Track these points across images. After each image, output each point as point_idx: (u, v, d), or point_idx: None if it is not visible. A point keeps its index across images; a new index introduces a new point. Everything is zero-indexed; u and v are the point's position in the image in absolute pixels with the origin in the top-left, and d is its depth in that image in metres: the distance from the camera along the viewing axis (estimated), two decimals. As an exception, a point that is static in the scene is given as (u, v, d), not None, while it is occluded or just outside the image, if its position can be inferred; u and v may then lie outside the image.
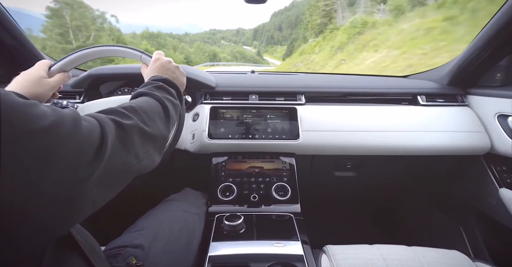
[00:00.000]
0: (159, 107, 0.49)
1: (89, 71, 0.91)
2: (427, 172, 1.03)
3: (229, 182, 0.82)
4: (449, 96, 0.99)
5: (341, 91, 1.03)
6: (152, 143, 0.44)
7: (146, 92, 0.50)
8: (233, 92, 0.99)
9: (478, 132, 0.89)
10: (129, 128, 0.39)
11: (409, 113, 0.96)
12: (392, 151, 0.89)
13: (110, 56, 0.65)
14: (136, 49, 0.65)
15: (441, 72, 1.05)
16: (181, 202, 0.74)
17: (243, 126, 0.89)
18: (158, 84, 0.53)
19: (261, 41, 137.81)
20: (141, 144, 0.40)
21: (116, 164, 0.35)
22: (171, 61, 0.63)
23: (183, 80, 0.64)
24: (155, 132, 0.44)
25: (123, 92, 1.00)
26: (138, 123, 0.41)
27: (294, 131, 0.88)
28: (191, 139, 0.89)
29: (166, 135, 0.49)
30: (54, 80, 0.61)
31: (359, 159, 0.95)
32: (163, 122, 0.48)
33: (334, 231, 1.27)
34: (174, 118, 0.53)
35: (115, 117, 0.38)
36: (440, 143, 0.88)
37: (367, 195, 1.31)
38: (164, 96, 0.51)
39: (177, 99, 0.56)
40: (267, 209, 0.77)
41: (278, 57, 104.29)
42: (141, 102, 0.46)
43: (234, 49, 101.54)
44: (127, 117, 0.41)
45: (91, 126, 0.33)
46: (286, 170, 0.86)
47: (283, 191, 0.81)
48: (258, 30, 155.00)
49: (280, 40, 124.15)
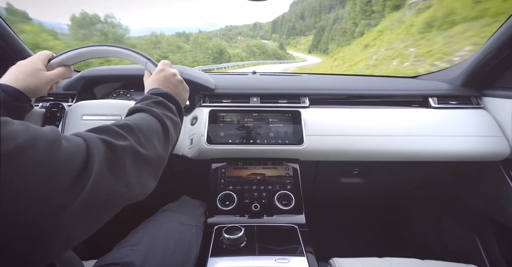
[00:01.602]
0: (158, 125, 0.45)
1: (82, 73, 0.86)
2: (439, 179, 0.97)
3: (229, 190, 0.77)
4: (463, 98, 0.94)
5: (347, 93, 0.98)
6: (148, 166, 0.39)
7: (144, 108, 0.46)
8: (233, 95, 0.94)
9: (495, 137, 0.83)
10: (122, 150, 0.34)
11: (420, 117, 0.90)
12: (402, 156, 0.84)
13: (115, 57, 0.62)
14: (142, 54, 0.62)
15: (453, 73, 1.00)
16: (178, 212, 0.69)
17: (243, 130, 0.84)
18: (157, 100, 0.49)
19: (282, 33, 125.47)
20: (134, 168, 0.36)
21: (101, 193, 0.30)
22: (176, 74, 0.59)
23: (185, 96, 0.60)
24: (151, 155, 0.39)
25: (118, 95, 0.95)
26: (133, 145, 0.37)
27: (298, 136, 0.83)
28: (189, 144, 0.85)
29: (164, 156, 0.44)
30: (52, 74, 0.57)
31: (366, 164, 0.90)
32: (161, 142, 0.44)
33: (340, 241, 1.21)
34: (174, 138, 0.49)
35: (107, 138, 0.34)
36: (454, 148, 0.82)
37: (375, 202, 1.25)
38: (163, 113, 0.47)
39: (178, 116, 0.51)
40: (270, 220, 0.72)
41: (303, 49, 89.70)
42: (138, 120, 0.42)
43: (250, 42, 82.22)
44: (122, 138, 0.36)
45: (74, 148, 0.28)
46: (290, 177, 0.81)
47: (286, 199, 0.76)
48: (277, 22, 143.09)
49: (303, 30, 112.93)
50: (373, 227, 1.30)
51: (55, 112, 0.62)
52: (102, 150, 0.32)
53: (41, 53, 0.58)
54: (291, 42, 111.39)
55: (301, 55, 67.73)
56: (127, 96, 0.96)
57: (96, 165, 0.29)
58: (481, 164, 0.86)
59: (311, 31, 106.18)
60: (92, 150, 0.30)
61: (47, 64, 0.58)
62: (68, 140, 0.29)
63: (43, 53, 0.58)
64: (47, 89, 0.57)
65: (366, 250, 1.18)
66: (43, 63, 0.57)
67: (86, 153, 0.29)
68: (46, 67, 0.57)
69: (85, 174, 0.28)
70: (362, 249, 1.18)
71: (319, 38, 69.18)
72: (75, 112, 0.62)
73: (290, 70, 16.78)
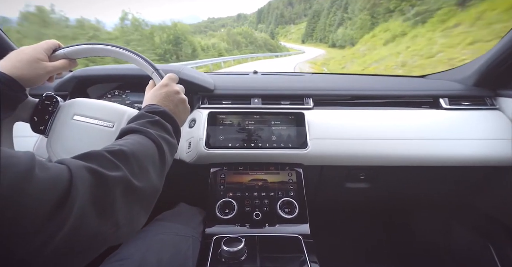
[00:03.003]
0: (154, 150, 0.40)
1: (74, 73, 0.82)
2: (450, 184, 0.92)
3: (228, 197, 0.73)
4: (476, 99, 0.88)
5: (353, 93, 0.93)
6: (140, 200, 0.35)
7: (139, 129, 0.42)
8: (233, 96, 0.90)
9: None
10: (113, 183, 0.30)
11: (431, 118, 0.85)
12: (412, 161, 0.79)
13: (123, 59, 0.58)
14: (151, 63, 0.58)
15: (465, 72, 0.95)
16: (174, 222, 0.65)
17: (244, 133, 0.80)
18: (153, 119, 0.45)
19: (269, 23, 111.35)
20: (124, 204, 0.31)
21: (83, 236, 0.26)
22: (179, 93, 0.54)
23: (184, 117, 0.56)
24: (145, 187, 0.35)
25: (113, 96, 0.91)
26: (126, 176, 0.32)
27: (301, 139, 0.79)
28: (187, 147, 0.81)
29: (159, 187, 0.40)
30: (52, 65, 0.53)
31: (374, 169, 0.85)
32: (157, 170, 0.39)
33: (346, 249, 1.17)
34: (169, 163, 0.45)
35: (97, 167, 0.29)
36: (467, 153, 0.78)
37: (381, 208, 1.20)
38: (160, 135, 0.43)
39: (174, 138, 0.47)
40: (272, 229, 0.67)
41: (295, 39, 78.91)
42: (134, 145, 0.38)
43: (232, 30, 55.96)
44: (114, 167, 0.32)
45: (51, 180, 0.24)
46: (293, 183, 0.77)
47: (289, 207, 0.72)
48: (263, 11, 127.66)
49: (293, 18, 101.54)
50: (379, 233, 1.25)
51: (47, 105, 0.58)
52: (89, 182, 0.27)
53: (46, 42, 0.54)
54: (280, 31, 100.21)
55: (296, 46, 56.57)
56: (123, 98, 0.92)
57: (78, 202, 0.25)
58: (495, 167, 0.81)
59: (302, 18, 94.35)
60: (75, 184, 0.25)
61: (50, 54, 0.54)
62: (45, 169, 0.24)
63: (49, 42, 0.54)
64: (43, 80, 0.53)
65: (373, 258, 1.14)
66: (46, 53, 0.53)
67: (67, 187, 0.25)
68: (49, 58, 0.54)
69: (61, 215, 0.23)
70: (369, 258, 1.13)
71: (313, 25, 59.00)
72: (68, 110, 0.58)
73: (306, 67, 13.99)
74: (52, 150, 0.56)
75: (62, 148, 0.55)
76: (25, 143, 0.75)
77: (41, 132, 0.57)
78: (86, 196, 0.26)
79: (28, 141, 0.75)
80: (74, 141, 0.56)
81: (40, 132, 0.57)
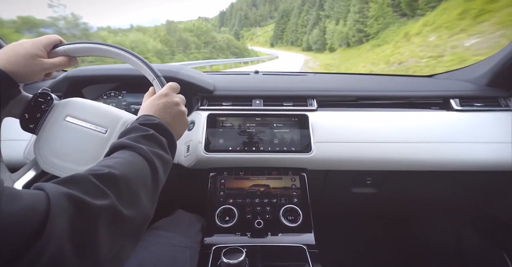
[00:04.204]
0: (147, 169, 0.37)
1: (67, 73, 0.79)
2: (462, 189, 0.88)
3: (229, 204, 0.69)
4: (489, 100, 0.84)
5: (359, 94, 0.89)
6: (128, 231, 0.31)
7: (131, 145, 0.38)
8: (234, 97, 0.86)
9: None
10: (97, 213, 0.26)
11: (441, 121, 0.81)
12: (422, 166, 0.75)
13: (124, 61, 0.56)
14: (154, 69, 0.54)
15: (477, 71, 0.90)
16: (170, 231, 0.61)
17: (245, 136, 0.76)
18: (148, 133, 0.41)
19: (232, 25, 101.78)
20: (109, 237, 0.28)
21: None
22: (179, 104, 0.51)
23: (181, 131, 0.52)
24: (135, 215, 0.31)
25: (109, 97, 0.88)
26: (114, 205, 0.29)
27: (305, 143, 0.75)
28: (185, 151, 0.77)
29: (150, 212, 0.36)
30: (50, 62, 0.50)
31: (381, 174, 0.81)
32: (148, 193, 0.36)
33: (352, 260, 1.12)
34: (163, 181, 0.41)
35: (80, 195, 0.26)
36: (481, 156, 0.73)
37: (389, 214, 1.15)
38: (153, 152, 0.39)
39: (169, 153, 0.44)
40: (275, 239, 0.64)
41: (263, 43, 71.12)
42: (125, 165, 0.34)
43: (172, 26, 33.07)
44: (101, 195, 0.28)
45: (23, 212, 0.21)
46: (296, 188, 0.73)
47: (293, 214, 0.68)
48: (226, 13, 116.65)
49: (258, 20, 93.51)
50: (387, 241, 1.20)
51: (40, 103, 0.55)
52: (68, 213, 0.24)
53: (47, 37, 0.51)
54: (245, 34, 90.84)
55: (265, 50, 47.20)
56: (119, 99, 0.88)
57: (54, 237, 0.21)
58: (510, 172, 0.77)
59: (268, 20, 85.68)
60: (52, 214, 0.22)
61: (50, 50, 0.51)
62: (16, 200, 0.21)
63: (49, 37, 0.51)
64: (39, 76, 0.51)
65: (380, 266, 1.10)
66: (46, 48, 0.50)
67: (42, 219, 0.21)
68: (48, 53, 0.51)
69: (34, 251, 0.20)
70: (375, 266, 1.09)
71: (283, 27, 51.42)
72: (62, 109, 0.55)
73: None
74: (39, 151, 0.53)
75: (50, 150, 0.52)
76: (18, 146, 0.72)
77: (30, 130, 0.54)
78: (64, 229, 0.23)
79: (20, 144, 0.72)
80: (63, 143, 0.53)
81: (29, 131, 0.54)
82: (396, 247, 1.17)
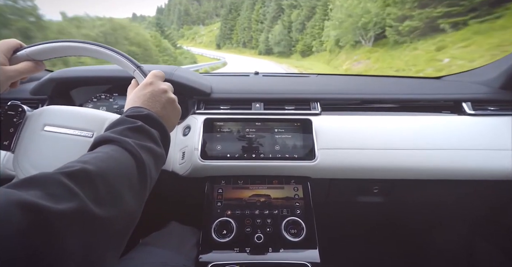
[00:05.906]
0: (133, 166, 0.33)
1: (51, 74, 0.74)
2: (474, 198, 0.83)
3: (226, 216, 0.64)
4: (504, 103, 0.79)
5: (365, 97, 0.85)
6: (106, 236, 0.26)
7: (114, 138, 0.34)
8: (232, 100, 0.81)
9: None
10: (60, 219, 0.22)
11: (453, 125, 0.77)
12: (432, 174, 0.70)
13: (97, 58, 0.50)
14: (131, 60, 0.50)
15: (489, 73, 0.86)
16: (162, 247, 0.56)
17: (244, 143, 0.71)
18: (135, 125, 0.37)
19: (171, 22, 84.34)
20: (80, 244, 0.23)
21: None
22: (167, 91, 0.46)
23: (175, 120, 0.48)
24: (114, 215, 0.27)
25: (99, 100, 0.83)
26: (84, 205, 0.24)
27: (308, 149, 0.70)
28: (180, 158, 0.72)
29: (136, 211, 0.32)
30: (13, 70, 0.45)
31: (388, 182, 0.76)
32: (134, 191, 0.32)
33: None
34: (154, 178, 0.37)
35: (37, 200, 0.22)
36: (496, 164, 0.69)
37: (396, 224, 1.10)
38: (141, 145, 0.35)
39: (161, 146, 0.39)
40: (276, 256, 0.59)
41: (207, 43, 58.47)
42: (104, 161, 0.30)
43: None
44: (67, 196, 0.24)
45: None
46: (299, 199, 0.68)
47: (296, 228, 0.63)
48: (164, 9, 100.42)
49: (202, 17, 79.92)
50: (394, 252, 1.14)
51: (11, 116, 0.50)
52: (17, 225, 0.19)
53: (5, 42, 0.46)
54: (186, 33, 75.89)
55: (210, 53, 36.14)
56: (110, 102, 0.83)
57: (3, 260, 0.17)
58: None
59: (214, 18, 72.52)
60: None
61: (10, 56, 0.46)
62: None
63: (8, 42, 0.46)
64: (5, 87, 0.45)
65: None
66: (6, 55, 0.45)
67: None
68: (9, 60, 0.46)
69: None
70: None
71: (232, 23, 41.33)
72: (37, 120, 0.50)
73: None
74: (19, 167, 0.48)
75: (32, 164, 0.47)
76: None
77: (5, 148, 0.49)
78: (14, 246, 0.19)
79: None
80: (47, 156, 0.48)
81: (4, 149, 0.48)
82: (402, 257, 1.12)
